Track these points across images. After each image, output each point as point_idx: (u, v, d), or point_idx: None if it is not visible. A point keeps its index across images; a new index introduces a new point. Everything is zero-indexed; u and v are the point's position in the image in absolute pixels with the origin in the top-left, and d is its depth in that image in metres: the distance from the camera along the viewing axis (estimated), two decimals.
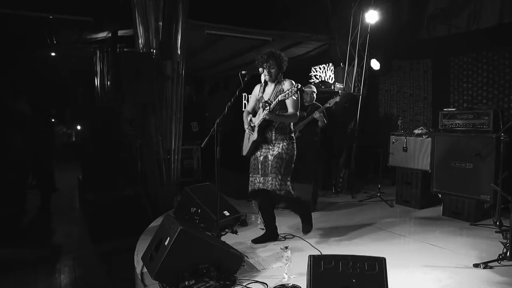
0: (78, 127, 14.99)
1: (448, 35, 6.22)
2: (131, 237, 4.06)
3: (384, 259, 2.21)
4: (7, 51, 10.07)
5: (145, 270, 2.99)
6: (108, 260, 4.56)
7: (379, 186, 5.87)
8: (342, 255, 2.23)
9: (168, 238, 2.77)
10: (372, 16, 6.54)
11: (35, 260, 4.56)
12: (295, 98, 3.44)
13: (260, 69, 3.59)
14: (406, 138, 5.44)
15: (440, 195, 4.94)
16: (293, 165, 3.62)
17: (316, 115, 4.82)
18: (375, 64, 6.79)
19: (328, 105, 4.86)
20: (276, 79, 3.62)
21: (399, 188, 5.52)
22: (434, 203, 5.21)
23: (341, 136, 6.44)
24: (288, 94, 3.29)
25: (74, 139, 15.89)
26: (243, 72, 3.50)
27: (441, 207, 4.92)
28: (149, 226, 4.41)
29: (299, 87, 3.26)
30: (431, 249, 3.65)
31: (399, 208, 5.35)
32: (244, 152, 3.76)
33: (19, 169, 6.50)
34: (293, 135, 3.67)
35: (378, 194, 5.78)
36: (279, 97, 3.36)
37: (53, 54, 10.12)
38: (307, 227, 3.78)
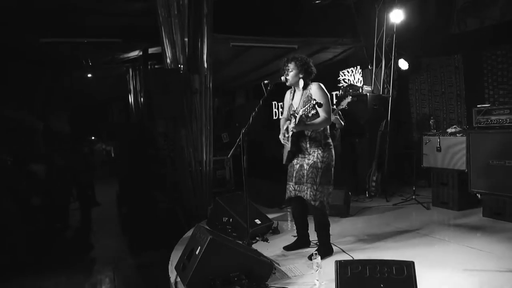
0: (115, 144, 15.55)
1: (480, 28, 6.00)
2: (166, 247, 4.18)
3: (413, 262, 2.17)
4: (50, 76, 10.70)
5: (178, 279, 3.07)
6: (145, 270, 4.70)
7: (414, 188, 5.71)
8: (369, 259, 2.21)
9: (199, 248, 2.85)
10: (397, 16, 6.44)
11: (78, 271, 4.78)
12: (324, 101, 3.33)
13: (282, 77, 3.58)
14: (439, 138, 5.28)
15: (479, 196, 4.75)
16: (330, 172, 3.50)
17: (332, 118, 4.77)
18: (403, 64, 6.66)
19: (341, 107, 4.79)
20: (298, 84, 3.55)
21: (435, 190, 5.35)
22: (473, 204, 5.01)
23: (371, 139, 6.34)
24: (306, 110, 3.23)
25: (112, 155, 16.49)
26: (265, 81, 3.53)
27: (481, 208, 4.72)
28: (183, 236, 4.52)
29: (314, 103, 3.16)
30: (471, 252, 3.51)
31: (436, 211, 5.18)
32: (284, 161, 3.71)
33: (63, 186, 6.86)
34: (329, 141, 3.55)
35: (414, 197, 5.62)
36: (300, 113, 3.29)
37: (89, 75, 10.63)
38: (324, 250, 3.51)
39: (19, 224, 5.21)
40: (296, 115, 3.35)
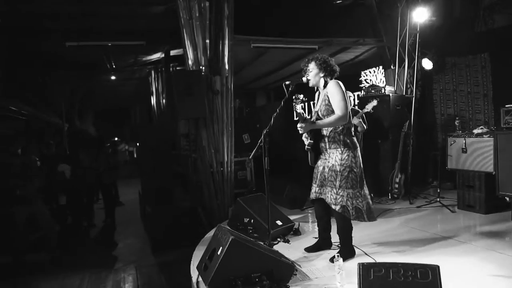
0: (138, 144, 15.85)
1: (508, 25, 5.83)
2: (188, 247, 4.22)
3: (438, 267, 2.12)
4: (75, 79, 10.99)
5: (200, 279, 3.10)
6: (167, 269, 4.76)
7: (439, 190, 5.58)
8: (392, 262, 2.17)
9: (221, 248, 2.86)
10: (420, 14, 6.32)
11: (102, 268, 4.89)
12: (338, 98, 3.28)
13: (304, 78, 3.57)
14: (465, 139, 5.15)
15: (507, 199, 4.59)
16: (352, 174, 3.37)
17: (355, 121, 4.69)
18: (427, 64, 6.53)
19: (366, 110, 4.71)
20: (318, 84, 3.52)
21: (461, 192, 5.21)
22: (501, 208, 4.84)
23: (394, 140, 6.24)
24: (294, 106, 3.18)
25: (135, 155, 16.80)
26: (286, 82, 3.53)
27: (510, 212, 4.57)
28: (205, 236, 4.55)
29: (299, 97, 3.15)
30: (500, 257, 3.39)
31: (462, 214, 5.05)
32: (310, 162, 3.69)
33: (88, 187, 7.04)
34: (349, 141, 3.41)
35: (438, 199, 5.49)
36: (298, 111, 3.24)
37: (113, 77, 10.86)
38: (346, 252, 3.45)
39: (50, 222, 5.38)
40: (305, 116, 3.33)
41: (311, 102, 8.28)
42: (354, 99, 5.02)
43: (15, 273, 4.81)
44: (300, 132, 3.41)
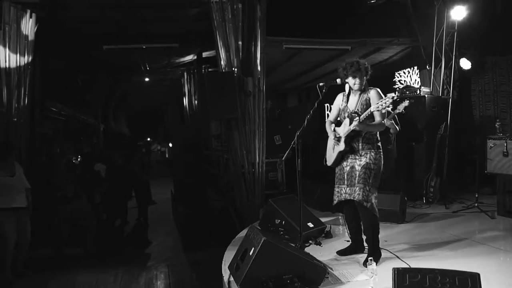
0: (170, 145, 16.17)
1: None
2: (219, 247, 4.27)
3: (478, 274, 2.04)
4: (111, 81, 11.36)
5: (231, 278, 3.13)
6: (198, 268, 4.83)
7: (477, 195, 5.37)
8: (429, 268, 2.11)
9: (253, 249, 2.88)
10: (459, 12, 6.12)
11: (135, 265, 5.03)
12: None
13: (338, 80, 3.55)
14: (506, 142, 4.93)
15: None
16: (380, 175, 3.50)
17: (387, 122, 4.58)
18: (465, 64, 6.31)
19: (398, 111, 4.58)
20: (361, 88, 3.54)
21: (501, 198, 5.00)
22: None
23: (430, 142, 6.07)
24: (381, 105, 3.18)
25: (167, 155, 17.15)
26: (320, 84, 3.52)
27: None
28: (236, 237, 4.58)
29: (394, 97, 3.11)
30: None
31: (502, 220, 4.83)
32: (329, 163, 3.72)
33: (123, 186, 7.24)
34: (380, 144, 3.55)
35: (476, 205, 5.29)
36: (371, 108, 3.28)
37: (146, 79, 11.13)
38: (374, 254, 3.40)
39: (92, 218, 5.60)
40: (360, 113, 3.34)
41: (330, 105, 8.18)
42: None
43: (56, 265, 5.04)
44: (357, 129, 3.36)
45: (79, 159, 6.54)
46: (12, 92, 5.31)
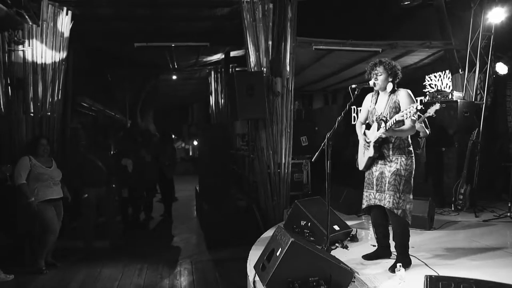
0: (195, 142, 16.31)
1: None
2: (243, 246, 4.28)
3: None
4: (140, 78, 11.58)
5: (257, 278, 3.13)
6: (222, 266, 4.86)
7: (510, 204, 5.19)
8: (463, 278, 2.05)
9: (280, 249, 2.87)
10: (497, 15, 5.93)
11: (159, 260, 5.10)
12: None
13: (371, 82, 3.49)
14: None
15: None
16: (412, 180, 3.42)
17: (417, 125, 4.48)
18: (501, 68, 6.11)
19: (428, 114, 4.46)
20: (385, 88, 3.45)
21: None
22: None
23: (461, 148, 5.91)
24: (406, 114, 3.09)
25: (191, 153, 17.31)
26: (353, 86, 3.47)
27: None
28: (261, 237, 4.58)
29: (418, 107, 3.01)
30: None
31: None
32: (360, 167, 3.67)
33: (149, 181, 7.36)
34: (411, 148, 3.46)
35: (509, 214, 5.12)
36: (396, 117, 3.19)
37: (174, 77, 11.28)
38: (404, 261, 3.33)
39: (115, 212, 5.73)
40: (387, 120, 3.30)
41: (359, 109, 8.05)
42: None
43: (84, 257, 5.17)
44: (383, 136, 3.31)
45: (110, 153, 6.68)
46: (47, 87, 5.48)
